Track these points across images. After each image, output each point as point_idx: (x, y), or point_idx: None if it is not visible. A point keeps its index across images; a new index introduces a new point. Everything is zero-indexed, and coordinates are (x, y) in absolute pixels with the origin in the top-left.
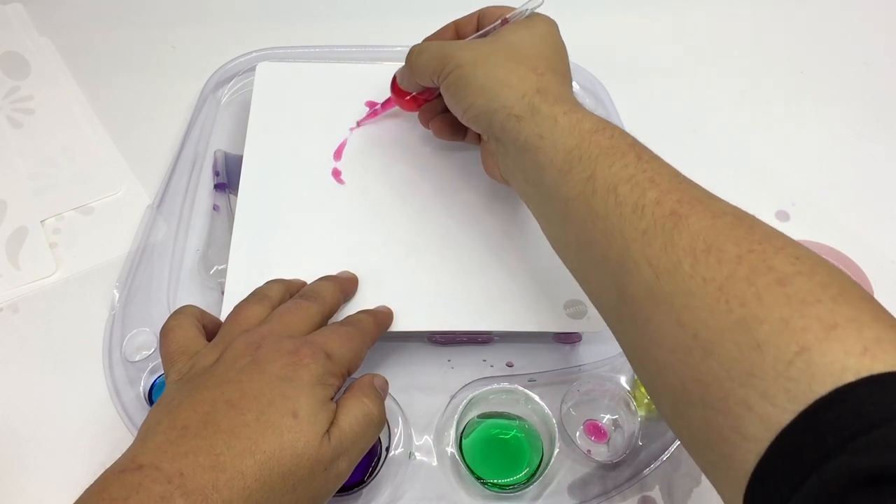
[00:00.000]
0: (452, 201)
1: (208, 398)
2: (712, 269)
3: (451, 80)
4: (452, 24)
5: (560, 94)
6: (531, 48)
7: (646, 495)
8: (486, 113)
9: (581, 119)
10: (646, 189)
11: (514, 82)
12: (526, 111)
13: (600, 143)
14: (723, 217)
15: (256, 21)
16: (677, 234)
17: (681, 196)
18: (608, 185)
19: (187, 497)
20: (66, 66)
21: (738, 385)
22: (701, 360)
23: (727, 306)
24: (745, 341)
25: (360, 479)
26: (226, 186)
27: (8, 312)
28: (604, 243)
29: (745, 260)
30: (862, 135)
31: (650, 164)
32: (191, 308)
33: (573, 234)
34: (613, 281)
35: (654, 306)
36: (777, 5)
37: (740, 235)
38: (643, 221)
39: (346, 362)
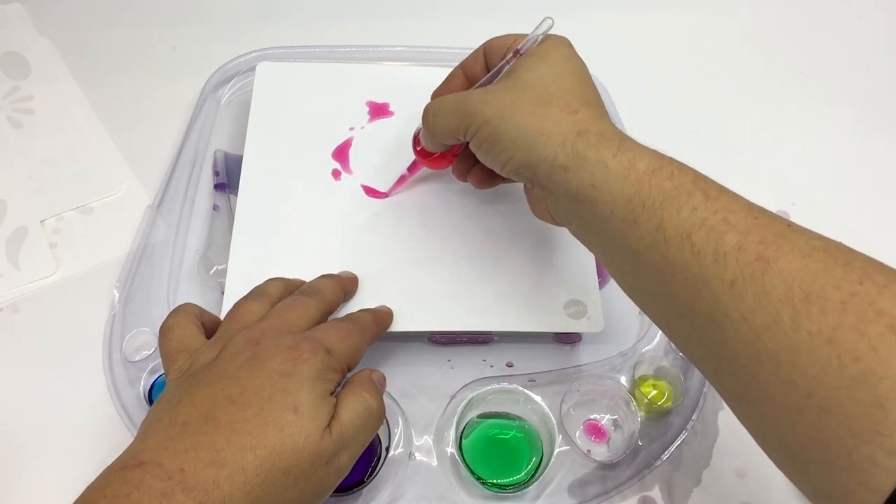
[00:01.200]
0: (453, 202)
1: (208, 394)
2: (816, 320)
3: (481, 140)
4: (459, 70)
5: (601, 130)
6: (556, 83)
7: (646, 495)
8: (528, 166)
9: (634, 160)
10: (723, 233)
11: (550, 129)
12: (571, 160)
13: (661, 185)
14: (813, 255)
15: (256, 21)
16: (769, 283)
17: (763, 235)
18: (681, 234)
19: (188, 493)
20: (66, 66)
21: (862, 442)
22: (818, 419)
23: (840, 362)
24: (865, 399)
25: (360, 479)
26: (226, 186)
27: (8, 312)
28: (687, 296)
29: (850, 306)
30: (862, 134)
31: (720, 202)
32: (189, 306)
33: (650, 286)
34: (705, 336)
35: (758, 364)
36: (777, 5)
37: (838, 276)
38: (728, 271)
39: (345, 358)
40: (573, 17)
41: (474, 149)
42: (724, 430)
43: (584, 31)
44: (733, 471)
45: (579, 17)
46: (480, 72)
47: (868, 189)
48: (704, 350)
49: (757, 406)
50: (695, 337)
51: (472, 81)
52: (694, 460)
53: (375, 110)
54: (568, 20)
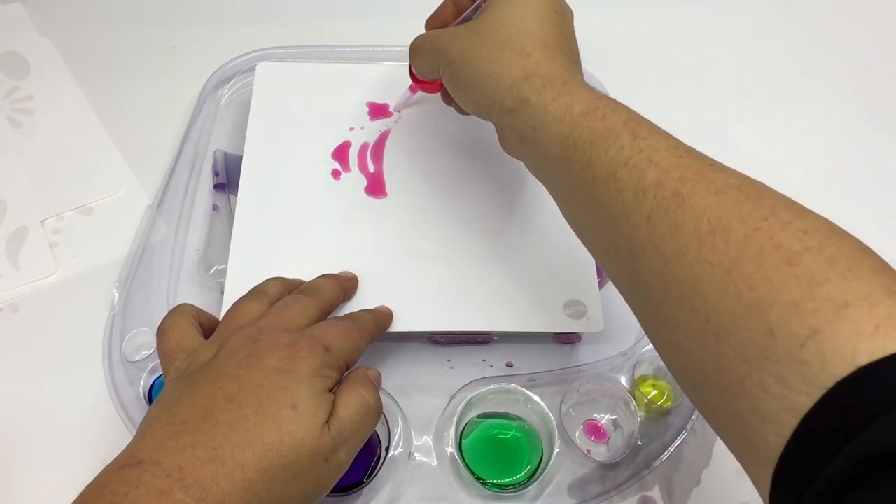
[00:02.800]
0: (452, 202)
1: (206, 393)
2: (719, 251)
3: (447, 79)
4: (450, 1)
5: (549, 73)
6: (516, 25)
7: (645, 495)
8: (483, 107)
9: (571, 102)
10: (645, 170)
11: (501, 73)
12: (517, 103)
13: (593, 126)
14: (727, 192)
15: (256, 21)
16: (681, 216)
17: (682, 173)
18: (607, 172)
19: (187, 490)
20: (66, 66)
21: (754, 369)
22: (715, 345)
23: (737, 290)
24: (756, 326)
25: (360, 479)
26: (226, 186)
27: (8, 312)
28: (611, 230)
29: (752, 239)
30: (862, 134)
31: (647, 142)
32: (187, 306)
33: (584, 221)
34: (625, 267)
35: (666, 292)
36: (777, 5)
37: (745, 211)
38: (646, 206)
39: (344, 355)
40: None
41: (446, 85)
42: None
43: (583, 30)
44: (733, 471)
45: (579, 16)
46: (467, 2)
47: (868, 189)
48: (625, 281)
49: (664, 332)
50: (619, 269)
51: (460, 11)
52: (694, 460)
53: (375, 110)
54: None
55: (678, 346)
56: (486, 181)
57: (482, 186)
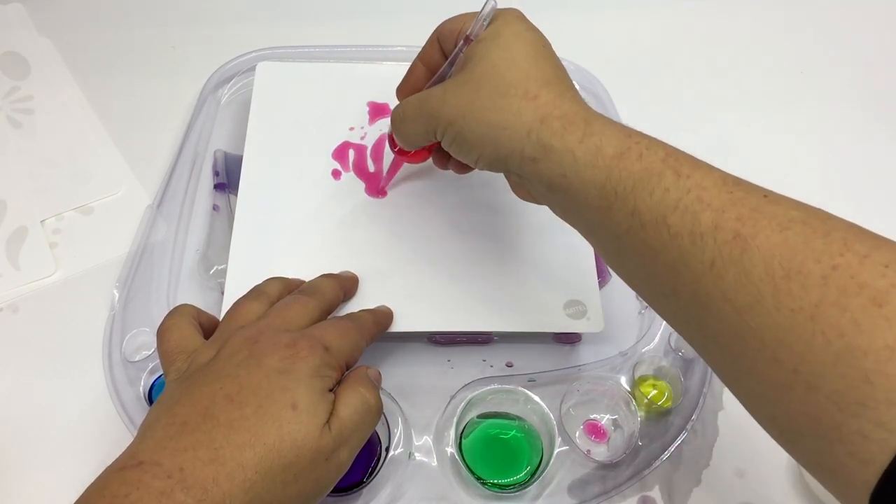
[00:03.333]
0: (452, 202)
1: (206, 393)
2: (797, 297)
3: (449, 141)
4: (419, 62)
5: (565, 113)
6: (511, 69)
7: (646, 495)
8: (498, 160)
9: (601, 145)
10: (698, 213)
11: (511, 122)
12: (539, 152)
13: (630, 169)
14: (792, 227)
15: (256, 21)
16: (748, 262)
17: (739, 211)
18: (656, 218)
19: (187, 491)
20: (66, 66)
21: (850, 416)
22: (805, 394)
23: (825, 338)
24: (850, 374)
25: (360, 479)
26: (226, 186)
27: (8, 312)
28: (669, 278)
29: (831, 280)
30: (862, 134)
31: (692, 180)
32: (187, 307)
33: (633, 267)
34: (690, 315)
35: (743, 343)
36: (777, 5)
37: (818, 249)
38: (707, 252)
39: (343, 355)
40: (572, 15)
41: (446, 148)
42: (724, 430)
43: (583, 30)
44: (733, 471)
45: (579, 17)
46: (438, 60)
47: (868, 189)
48: (691, 329)
49: (745, 383)
50: (681, 316)
51: (432, 72)
52: (694, 460)
53: (375, 110)
54: (567, 19)
55: (762, 395)
56: (486, 181)
57: (482, 186)
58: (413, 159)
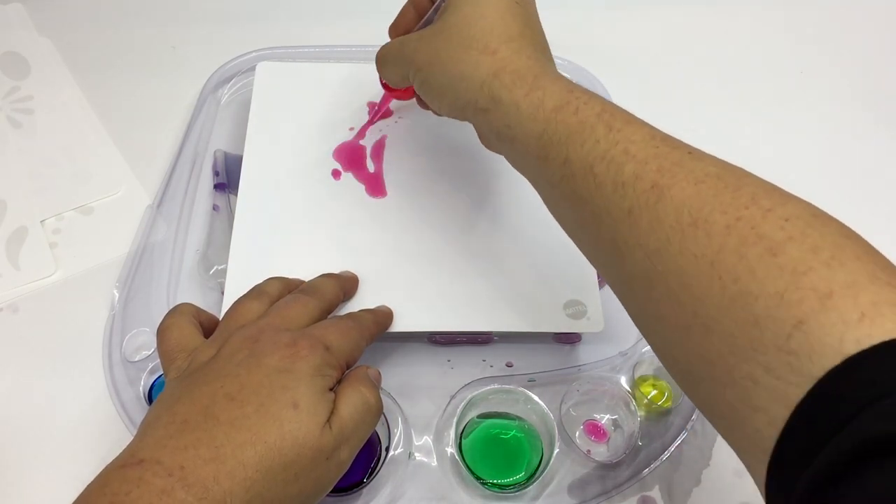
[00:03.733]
0: (453, 201)
1: (207, 392)
2: (701, 243)
3: (417, 86)
4: (409, 5)
5: (517, 68)
6: (478, 23)
7: (645, 495)
8: (457, 110)
9: (542, 98)
10: (622, 164)
11: (469, 73)
12: (489, 102)
13: (567, 121)
14: (706, 181)
15: (256, 21)
16: (661, 209)
17: (660, 164)
18: (584, 167)
19: (188, 489)
20: (66, 66)
21: (741, 360)
22: (702, 337)
23: (721, 283)
24: (742, 317)
25: (360, 479)
26: (226, 186)
27: (8, 312)
28: (594, 225)
29: (734, 230)
30: (862, 134)
31: (622, 133)
32: (187, 306)
33: (567, 216)
34: (610, 261)
35: (651, 287)
36: (777, 5)
37: (726, 201)
38: (626, 200)
39: (344, 355)
40: (572, 15)
41: (417, 91)
42: None
43: (583, 30)
44: (733, 471)
45: (579, 17)
46: (427, 5)
47: (868, 189)
48: (611, 275)
49: (653, 325)
50: (604, 263)
51: (420, 15)
52: (694, 460)
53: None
54: (567, 19)
55: (667, 339)
56: (486, 181)
57: (482, 186)
58: (401, 96)
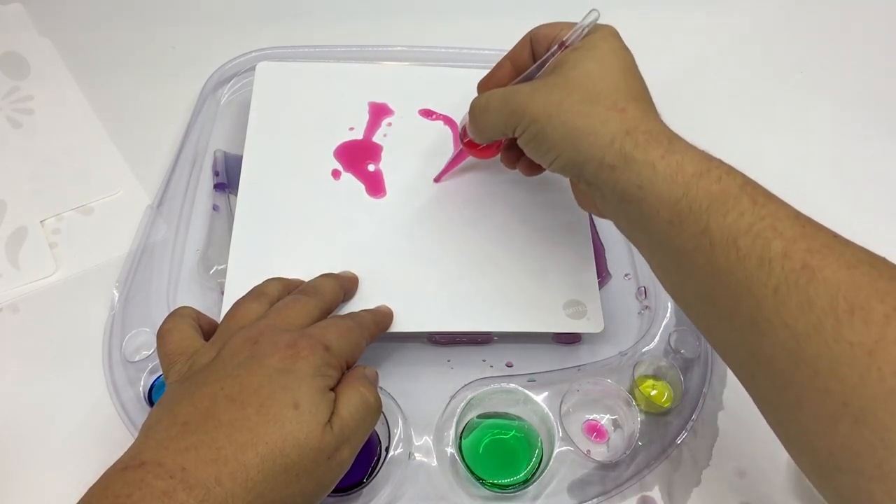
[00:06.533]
0: (452, 202)
1: (208, 394)
2: (859, 332)
3: (528, 138)
4: (506, 60)
5: (650, 129)
6: (603, 80)
7: (646, 495)
8: (575, 164)
9: (682, 162)
10: (769, 240)
11: (597, 128)
12: (619, 160)
13: (709, 189)
14: (859, 267)
15: (256, 21)
16: (813, 292)
17: (809, 244)
18: (726, 239)
19: (190, 491)
20: (66, 66)
21: (893, 454)
22: (851, 428)
23: (879, 374)
24: None
25: (360, 479)
26: (226, 186)
27: (8, 312)
28: (729, 300)
29: (894, 320)
30: (862, 134)
31: (767, 209)
32: (186, 309)
33: (693, 287)
34: (744, 339)
35: (795, 370)
36: (777, 5)
37: (883, 289)
38: (772, 278)
39: (344, 354)
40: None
41: (522, 145)
42: (724, 430)
43: None
44: (733, 471)
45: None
46: (527, 61)
47: (868, 189)
48: (743, 354)
49: (790, 412)
50: (734, 340)
51: (518, 71)
52: (694, 460)
53: (375, 110)
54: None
55: (805, 426)
56: (486, 181)
57: (482, 186)
58: (482, 154)
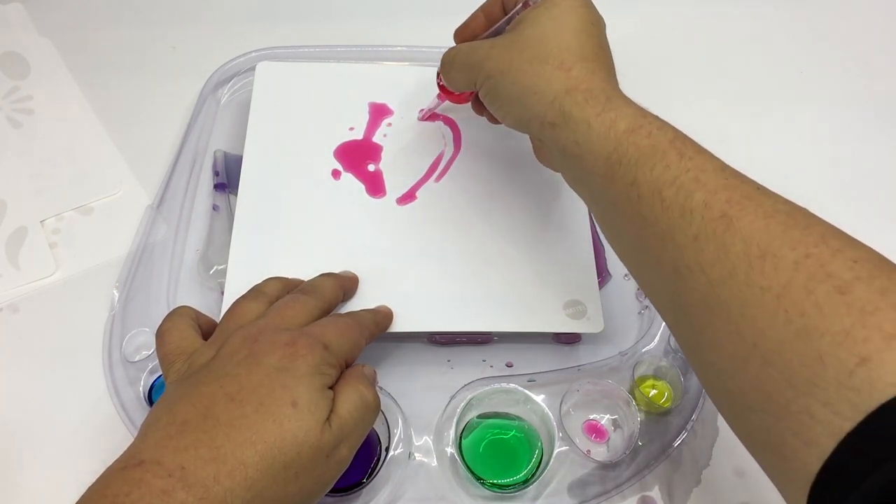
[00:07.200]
0: (452, 201)
1: (207, 393)
2: (769, 277)
3: (484, 93)
4: (480, 11)
5: (591, 87)
6: (556, 40)
7: (646, 495)
8: (523, 121)
9: (615, 119)
10: (692, 191)
11: (542, 87)
12: (559, 117)
13: (638, 144)
14: (775, 216)
15: (256, 21)
16: (729, 239)
17: (729, 195)
18: (652, 190)
19: (189, 490)
20: (66, 66)
21: (800, 394)
22: (760, 369)
23: (786, 316)
24: (806, 352)
25: (360, 479)
26: (226, 186)
27: (8, 312)
28: (656, 248)
29: (803, 266)
30: (862, 134)
31: (693, 161)
32: (185, 309)
33: (626, 237)
34: (668, 286)
35: (711, 314)
36: (777, 5)
37: (795, 238)
38: (693, 226)
39: (343, 353)
40: None
41: (482, 99)
42: (724, 430)
43: None
44: (733, 470)
45: None
46: (498, 14)
47: (868, 189)
48: (667, 300)
49: (707, 354)
50: (660, 287)
51: (490, 23)
52: (694, 460)
53: (375, 110)
54: None
55: (720, 367)
56: (486, 181)
57: (482, 186)
58: (456, 99)
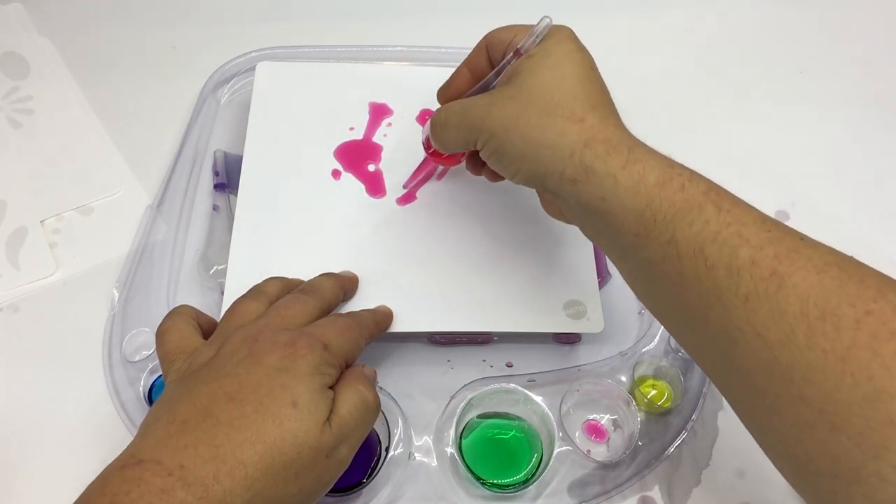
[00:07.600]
0: (452, 202)
1: (206, 392)
2: (830, 338)
3: (489, 153)
4: (464, 67)
5: (609, 137)
6: (560, 88)
7: (646, 495)
8: (536, 177)
9: (643, 172)
10: (736, 247)
11: (555, 141)
12: (580, 173)
13: (672, 199)
14: (828, 270)
15: (256, 21)
16: (783, 299)
17: (776, 250)
18: (693, 248)
19: (188, 489)
20: (66, 66)
21: (871, 458)
22: (828, 434)
23: (853, 379)
24: (875, 416)
25: (360, 479)
26: (226, 186)
27: (8, 312)
28: (700, 309)
29: (864, 324)
30: (862, 134)
31: (732, 214)
32: (185, 308)
33: (664, 296)
34: (718, 348)
35: (770, 379)
36: (777, 5)
37: (852, 293)
38: (742, 286)
39: (343, 353)
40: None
41: (484, 158)
42: (724, 430)
43: (583, 31)
44: (733, 471)
45: (578, 18)
46: (484, 68)
47: (868, 189)
48: (717, 362)
49: (767, 419)
50: (707, 349)
51: (477, 78)
52: (694, 460)
53: (375, 110)
54: (566, 20)
55: (783, 432)
56: (486, 181)
57: (482, 186)
58: (447, 162)
